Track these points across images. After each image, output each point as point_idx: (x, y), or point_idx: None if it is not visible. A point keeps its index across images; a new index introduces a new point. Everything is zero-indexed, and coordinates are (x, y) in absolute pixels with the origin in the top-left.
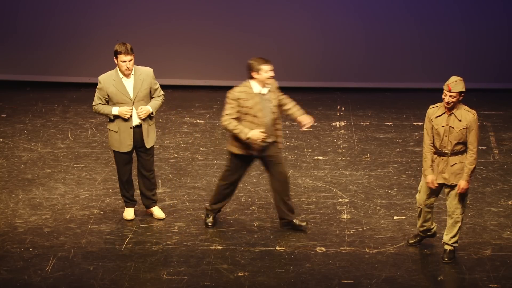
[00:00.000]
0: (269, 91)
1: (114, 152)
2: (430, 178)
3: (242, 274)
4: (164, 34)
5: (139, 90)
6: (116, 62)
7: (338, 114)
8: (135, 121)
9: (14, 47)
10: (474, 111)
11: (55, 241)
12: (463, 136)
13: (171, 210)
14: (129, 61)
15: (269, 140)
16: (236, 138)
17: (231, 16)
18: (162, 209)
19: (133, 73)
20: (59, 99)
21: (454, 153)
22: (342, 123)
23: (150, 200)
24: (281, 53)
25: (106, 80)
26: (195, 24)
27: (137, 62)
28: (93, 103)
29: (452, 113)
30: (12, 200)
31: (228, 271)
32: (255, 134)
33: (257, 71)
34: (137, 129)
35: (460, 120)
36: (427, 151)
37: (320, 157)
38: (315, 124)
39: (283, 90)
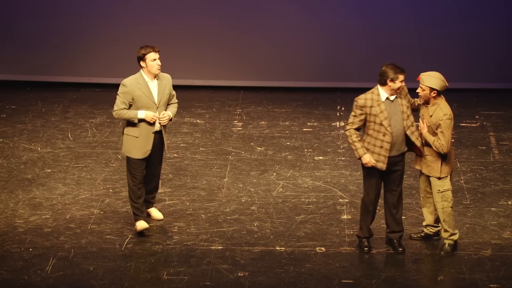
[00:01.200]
0: (397, 97)
1: (130, 159)
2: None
3: (242, 274)
4: (164, 34)
5: (162, 94)
6: (144, 65)
7: (338, 114)
8: (157, 126)
9: (14, 47)
10: (447, 111)
11: (55, 241)
12: (433, 132)
13: (171, 210)
14: (159, 58)
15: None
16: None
17: (231, 16)
18: (162, 209)
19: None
20: (59, 99)
21: (427, 144)
22: (342, 123)
23: (148, 203)
24: (281, 53)
25: (132, 83)
26: (195, 24)
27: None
28: (115, 108)
29: (428, 107)
30: (12, 200)
31: (228, 271)
32: (367, 157)
33: (394, 80)
34: (157, 134)
35: (431, 116)
36: None
37: (320, 157)
38: (315, 124)
39: (284, 90)
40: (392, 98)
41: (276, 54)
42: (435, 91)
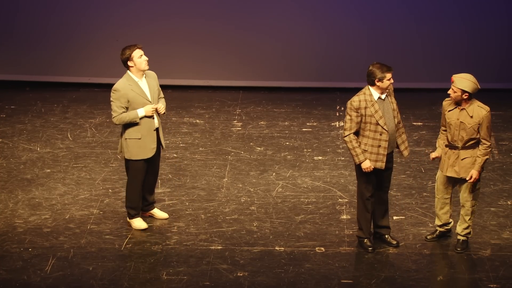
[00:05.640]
0: (387, 95)
1: (133, 161)
2: (433, 154)
3: (241, 274)
4: (163, 34)
5: (153, 91)
6: (132, 64)
7: (337, 114)
8: (156, 123)
9: (14, 47)
10: (487, 108)
11: (55, 241)
12: (475, 132)
13: (170, 210)
14: (143, 54)
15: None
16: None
17: (231, 16)
18: (162, 209)
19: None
20: (58, 99)
21: (465, 147)
22: (342, 123)
23: (150, 204)
24: (281, 53)
25: (123, 86)
26: (195, 24)
27: None
28: (114, 114)
29: (464, 108)
30: (11, 200)
31: (227, 271)
32: (368, 163)
33: (381, 79)
34: (156, 132)
35: (471, 117)
36: (441, 132)
37: (320, 157)
38: (314, 124)
39: (283, 90)
40: (383, 96)
41: (275, 54)
42: (467, 94)
